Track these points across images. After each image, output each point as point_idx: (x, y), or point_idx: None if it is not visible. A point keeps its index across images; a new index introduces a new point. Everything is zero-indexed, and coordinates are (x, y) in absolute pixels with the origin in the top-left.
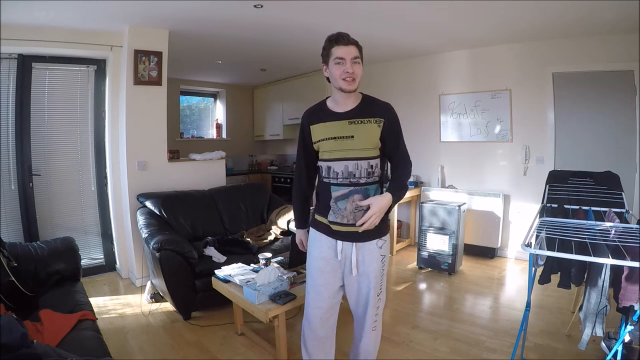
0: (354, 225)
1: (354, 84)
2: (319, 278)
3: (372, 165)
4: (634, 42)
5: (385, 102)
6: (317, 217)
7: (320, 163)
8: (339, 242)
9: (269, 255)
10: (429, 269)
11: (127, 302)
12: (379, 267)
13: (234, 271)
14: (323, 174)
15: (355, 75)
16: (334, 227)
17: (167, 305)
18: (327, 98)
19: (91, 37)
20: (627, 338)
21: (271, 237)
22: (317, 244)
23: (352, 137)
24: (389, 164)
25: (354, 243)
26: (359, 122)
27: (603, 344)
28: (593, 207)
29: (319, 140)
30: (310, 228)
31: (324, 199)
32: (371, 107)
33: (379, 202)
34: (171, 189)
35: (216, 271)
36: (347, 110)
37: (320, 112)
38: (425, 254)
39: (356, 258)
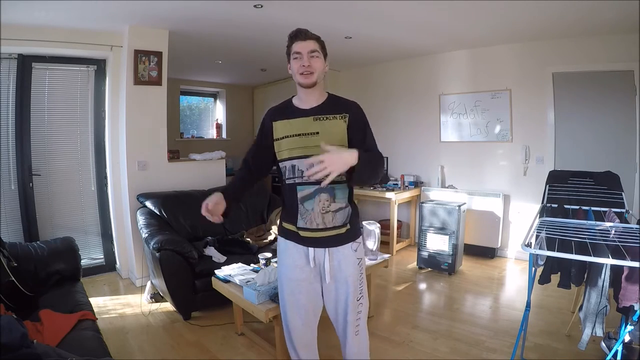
0: (323, 229)
1: (311, 77)
2: (296, 287)
3: None
4: (634, 42)
5: (352, 101)
6: (285, 224)
7: (284, 163)
8: (310, 249)
9: (269, 255)
10: (429, 269)
11: (127, 302)
12: (357, 271)
13: (234, 271)
14: (287, 175)
15: (313, 69)
16: (303, 234)
17: (167, 305)
18: (293, 97)
19: (91, 37)
20: (627, 338)
21: (271, 237)
22: (287, 253)
23: (317, 133)
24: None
25: (326, 249)
26: (324, 118)
27: (603, 344)
28: (593, 207)
29: (282, 137)
30: (279, 237)
31: (291, 203)
32: (337, 104)
33: (340, 150)
34: (171, 189)
35: (216, 271)
36: (312, 107)
37: (284, 109)
38: (425, 254)
39: (329, 265)
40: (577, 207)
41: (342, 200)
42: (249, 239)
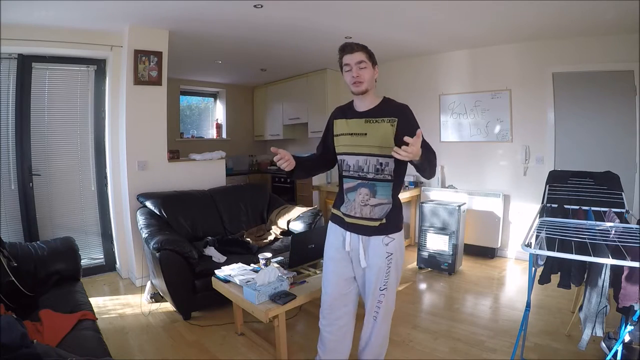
0: (360, 218)
1: (361, 86)
2: (329, 265)
3: (381, 163)
4: (634, 42)
5: (402, 104)
6: (333, 210)
7: (338, 157)
8: (347, 234)
9: (269, 255)
10: (429, 269)
11: (127, 302)
12: (384, 264)
13: (234, 271)
14: (340, 167)
15: (362, 79)
16: (346, 219)
17: (167, 305)
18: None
19: (91, 37)
20: (627, 338)
21: (271, 237)
22: (331, 234)
23: (365, 134)
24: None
25: (360, 236)
26: (374, 121)
27: (603, 344)
28: (593, 207)
29: (339, 134)
30: (329, 222)
31: (339, 191)
32: (387, 108)
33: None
34: (171, 189)
35: (216, 271)
36: (365, 110)
37: (346, 109)
38: (425, 254)
39: (363, 251)
40: (577, 207)
41: (383, 197)
42: (249, 239)
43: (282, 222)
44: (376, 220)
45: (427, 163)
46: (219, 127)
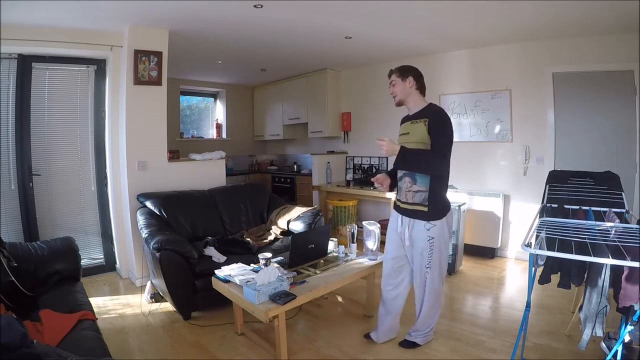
0: (405, 203)
1: (395, 99)
2: (388, 245)
3: None
4: (633, 42)
5: (438, 108)
6: (394, 199)
7: None
8: (400, 217)
9: (269, 255)
10: None
11: (127, 302)
12: (426, 246)
13: (234, 271)
14: None
15: (394, 93)
16: (398, 204)
17: (167, 305)
18: None
19: (91, 37)
20: (627, 338)
21: (271, 237)
22: (392, 218)
23: (408, 133)
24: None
25: (408, 218)
26: (414, 122)
27: (603, 344)
28: (593, 207)
29: (399, 135)
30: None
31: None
32: (423, 112)
33: (393, 142)
34: (171, 189)
35: (216, 271)
36: (412, 114)
37: (405, 116)
38: None
39: (408, 232)
40: (577, 207)
41: (422, 185)
42: (249, 239)
43: (282, 222)
44: (419, 205)
45: (412, 167)
46: (219, 127)
